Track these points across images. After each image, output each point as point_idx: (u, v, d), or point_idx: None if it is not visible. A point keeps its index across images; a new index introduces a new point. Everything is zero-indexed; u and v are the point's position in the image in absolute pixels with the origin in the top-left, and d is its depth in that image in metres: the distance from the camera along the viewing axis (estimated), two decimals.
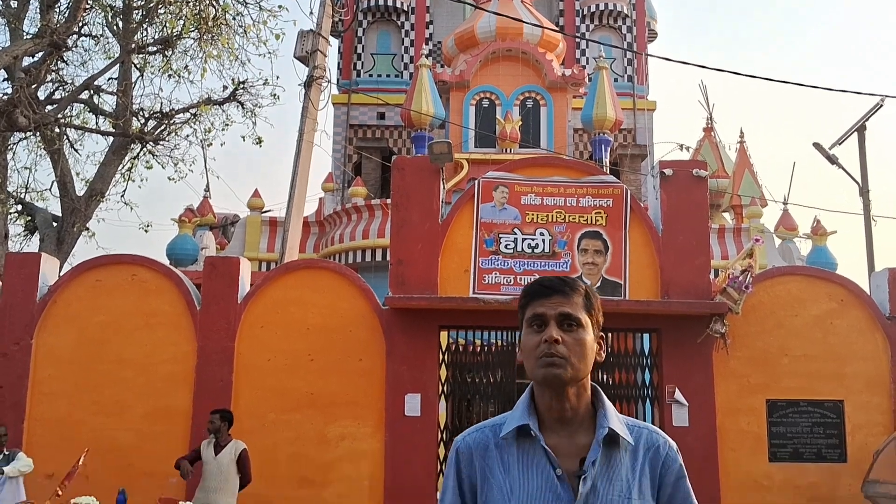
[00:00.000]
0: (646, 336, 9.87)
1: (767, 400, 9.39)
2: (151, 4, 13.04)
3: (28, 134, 13.82)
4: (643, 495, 1.90)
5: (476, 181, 10.00)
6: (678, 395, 9.29)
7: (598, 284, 9.51)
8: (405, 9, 20.99)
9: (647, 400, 9.58)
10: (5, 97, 12.03)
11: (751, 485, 9.19)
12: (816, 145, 14.98)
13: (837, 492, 9.16)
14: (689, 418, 9.22)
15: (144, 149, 13.99)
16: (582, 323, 1.95)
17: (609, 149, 16.51)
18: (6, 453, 8.07)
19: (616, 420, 1.96)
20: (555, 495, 1.86)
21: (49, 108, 13.39)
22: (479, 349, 9.87)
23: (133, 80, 13.87)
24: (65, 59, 13.74)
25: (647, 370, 9.73)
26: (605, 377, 9.49)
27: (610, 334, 9.41)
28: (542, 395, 1.97)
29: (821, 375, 9.44)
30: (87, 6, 12.78)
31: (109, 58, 14.28)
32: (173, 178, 14.60)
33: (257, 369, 9.39)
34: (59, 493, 7.72)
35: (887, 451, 8.53)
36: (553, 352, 1.90)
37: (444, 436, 9.44)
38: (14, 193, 14.74)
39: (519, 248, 9.68)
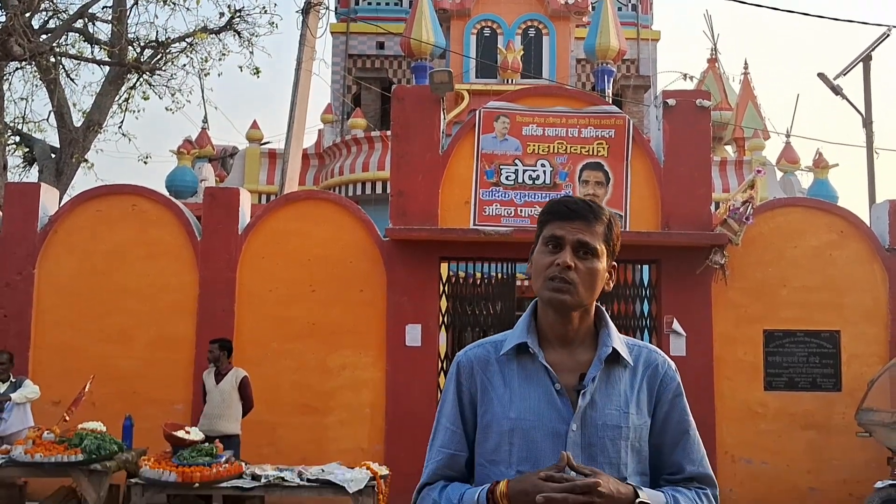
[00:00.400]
0: (645, 267, 9.92)
1: (765, 330, 9.49)
2: None
3: (23, 63, 13.64)
4: (640, 411, 1.93)
5: (477, 111, 9.91)
6: (676, 325, 9.38)
7: None
8: None
9: (646, 330, 9.68)
10: None
11: (745, 412, 9.36)
12: (821, 75, 14.79)
13: (831, 419, 9.33)
14: (686, 348, 9.33)
15: (141, 78, 13.83)
16: (598, 253, 1.94)
17: (612, 79, 16.28)
18: (13, 381, 8.19)
19: (618, 340, 1.98)
20: (554, 409, 1.89)
21: (44, 36, 13.18)
22: (479, 281, 9.93)
23: (128, 7, 13.62)
24: None
25: (646, 301, 9.80)
26: (604, 308, 9.55)
27: None
28: (545, 314, 1.99)
29: (818, 306, 9.52)
30: None
31: None
32: (171, 109, 14.48)
33: (259, 299, 9.47)
34: (67, 418, 7.88)
35: (882, 380, 8.65)
36: (564, 276, 1.90)
37: (444, 365, 9.56)
38: (11, 124, 14.63)
39: (520, 180, 9.64)
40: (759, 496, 9.22)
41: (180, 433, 7.53)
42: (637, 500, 1.78)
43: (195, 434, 7.62)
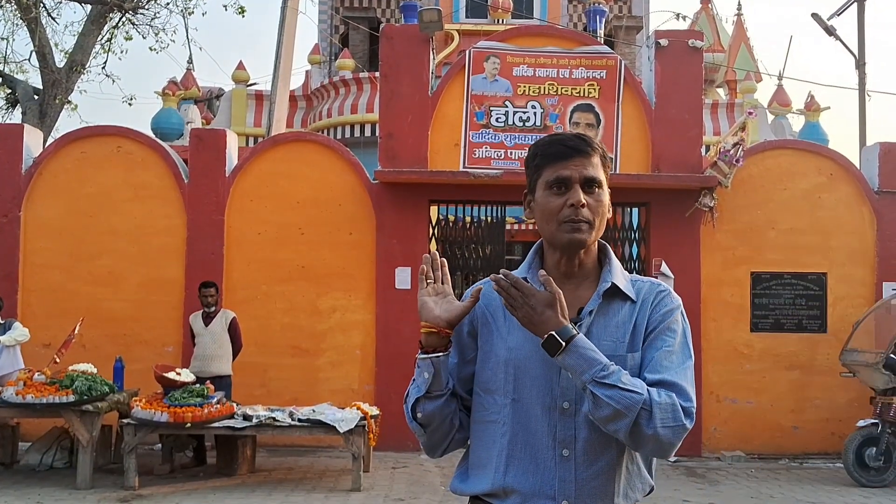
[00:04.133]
0: (635, 210, 9.92)
1: (752, 272, 9.56)
2: None
3: (3, 2, 13.32)
4: (636, 338, 1.91)
5: (467, 51, 9.78)
6: (664, 267, 9.42)
7: None
8: None
9: (634, 273, 9.66)
10: None
11: (731, 353, 9.48)
12: (815, 16, 14.63)
13: (815, 360, 9.47)
14: (674, 290, 9.34)
15: (124, 17, 13.54)
16: (602, 184, 1.94)
17: (604, 20, 16.04)
18: (2, 323, 8.18)
19: (620, 276, 1.98)
20: None
21: None
22: (468, 224, 9.91)
23: None
24: None
25: (634, 244, 9.83)
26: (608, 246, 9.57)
27: None
28: (552, 253, 1.99)
29: (806, 248, 9.58)
30: None
31: None
32: (155, 49, 14.23)
33: (248, 242, 9.44)
34: (57, 360, 7.90)
35: (867, 322, 8.76)
36: (579, 217, 1.89)
37: None
38: None
39: (510, 122, 9.56)
40: (744, 435, 9.40)
41: (171, 374, 7.58)
42: (552, 331, 1.78)
43: (186, 375, 7.68)
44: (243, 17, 13.96)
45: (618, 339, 1.91)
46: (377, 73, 11.10)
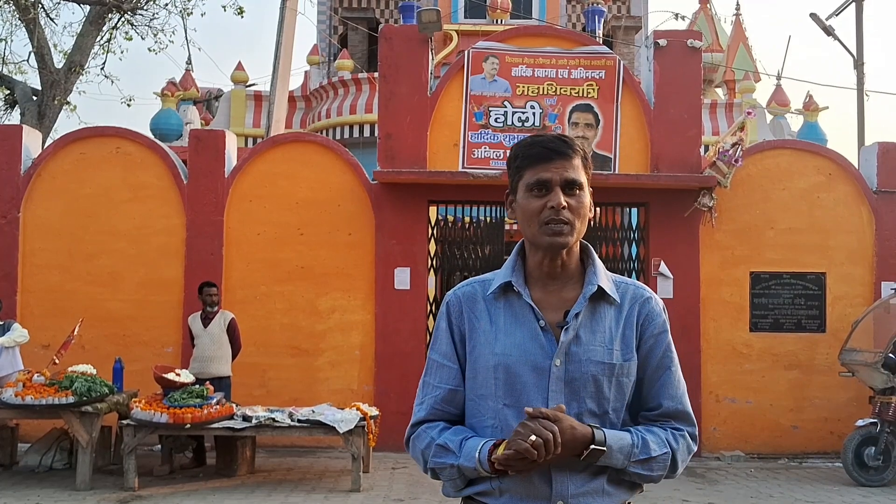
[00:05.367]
0: (634, 210, 9.93)
1: (751, 272, 9.56)
2: None
3: (1, 3, 13.31)
4: (625, 347, 1.94)
5: (466, 52, 9.78)
6: (663, 267, 9.43)
7: None
8: None
9: (634, 273, 9.73)
10: None
11: (730, 352, 9.49)
12: (813, 16, 14.64)
13: (814, 360, 9.48)
14: (673, 290, 9.40)
15: (122, 18, 13.53)
16: (583, 186, 1.94)
17: (603, 20, 16.03)
18: (1, 324, 8.17)
19: (604, 277, 1.98)
20: (537, 344, 1.91)
21: None
22: (467, 224, 9.92)
23: None
24: None
25: (633, 244, 9.84)
26: (591, 247, 9.58)
27: (598, 208, 9.45)
28: (534, 254, 1.99)
29: (805, 248, 9.59)
30: None
31: None
32: (154, 50, 14.22)
33: (248, 242, 9.44)
34: (56, 361, 7.90)
35: (866, 321, 8.76)
36: (560, 218, 1.90)
37: (433, 308, 9.61)
38: None
39: (509, 122, 9.57)
40: (743, 434, 9.41)
41: (170, 375, 7.58)
42: (591, 447, 1.81)
43: (185, 376, 7.68)
44: (242, 17, 13.96)
45: (605, 345, 1.92)
46: (376, 74, 11.10)
